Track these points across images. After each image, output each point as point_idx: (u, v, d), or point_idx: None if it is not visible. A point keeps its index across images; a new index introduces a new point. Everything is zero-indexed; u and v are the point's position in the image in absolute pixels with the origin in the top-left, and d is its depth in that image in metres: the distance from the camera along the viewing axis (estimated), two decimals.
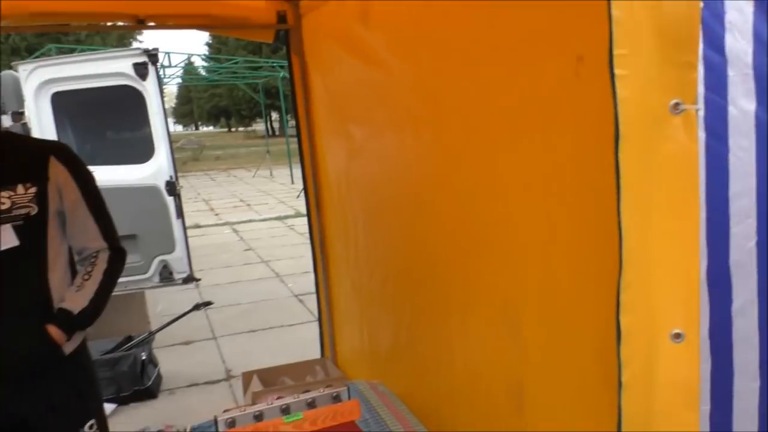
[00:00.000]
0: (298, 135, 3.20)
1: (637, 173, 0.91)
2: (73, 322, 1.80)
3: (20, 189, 1.74)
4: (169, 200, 4.85)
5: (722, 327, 2.10)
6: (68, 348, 1.83)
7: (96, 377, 2.05)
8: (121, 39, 26.90)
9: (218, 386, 4.35)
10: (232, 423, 1.49)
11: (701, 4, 0.97)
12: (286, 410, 1.54)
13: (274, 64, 18.39)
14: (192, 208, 13.06)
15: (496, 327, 1.52)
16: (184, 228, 5.00)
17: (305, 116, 3.08)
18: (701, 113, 2.09)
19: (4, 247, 1.70)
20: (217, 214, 12.72)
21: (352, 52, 2.34)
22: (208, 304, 5.11)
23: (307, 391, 1.63)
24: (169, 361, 4.63)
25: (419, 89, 1.83)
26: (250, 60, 20.97)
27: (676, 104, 0.92)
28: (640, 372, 0.92)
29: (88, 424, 1.86)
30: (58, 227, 1.82)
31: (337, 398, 1.61)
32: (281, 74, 17.59)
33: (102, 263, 1.86)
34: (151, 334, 4.46)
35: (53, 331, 1.77)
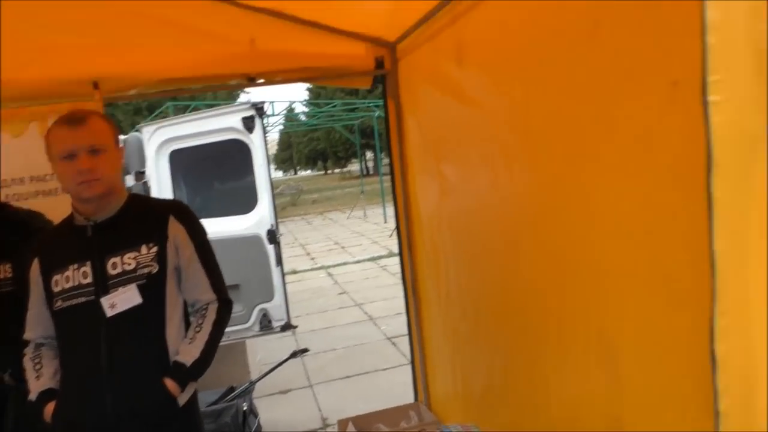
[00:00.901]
0: (392, 175, 3.28)
1: (730, 199, 0.90)
2: (186, 374, 1.90)
3: (143, 249, 1.88)
4: (270, 248, 5.02)
5: None
6: (182, 399, 1.91)
7: (203, 428, 2.13)
8: (230, 92, 28.65)
9: None
10: None
11: None
12: None
13: (370, 104, 18.87)
14: (289, 254, 13.47)
15: (591, 361, 1.48)
16: (283, 275, 5.14)
17: (399, 157, 3.17)
18: None
19: (129, 306, 1.83)
20: (312, 258, 13.05)
21: (445, 92, 2.42)
22: (304, 351, 5.19)
23: None
24: (268, 411, 4.72)
25: (512, 125, 1.86)
26: (348, 102, 21.65)
27: None
28: (739, 401, 0.88)
29: None
30: (176, 283, 1.94)
31: None
32: (377, 114, 18.03)
33: (212, 314, 1.96)
34: (252, 383, 4.54)
35: (170, 384, 1.87)
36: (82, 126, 1.82)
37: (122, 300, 1.83)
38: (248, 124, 4.97)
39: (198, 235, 1.99)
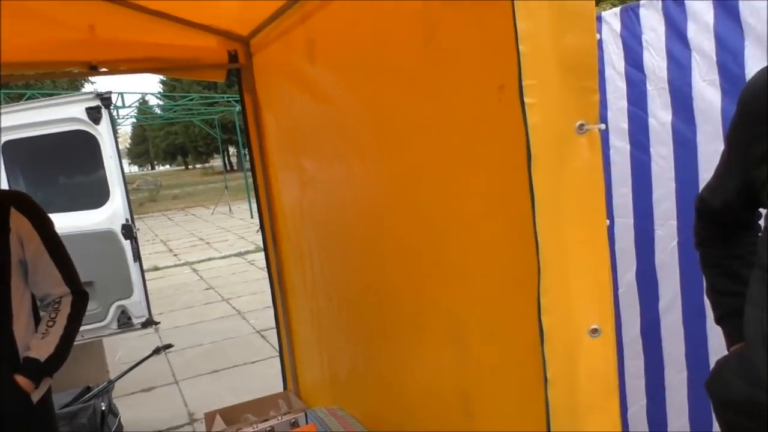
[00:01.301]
0: (253, 171, 3.26)
1: (549, 189, 1.02)
2: (40, 370, 1.82)
3: None
4: (126, 244, 4.80)
5: (652, 325, 2.25)
6: (36, 396, 1.84)
7: (57, 427, 2.04)
8: (73, 81, 26.58)
9: (181, 431, 4.30)
10: None
11: (598, 36, 1.09)
12: None
13: (230, 99, 18.42)
14: (150, 250, 12.88)
15: (444, 342, 1.60)
16: (142, 271, 4.95)
17: (259, 152, 3.16)
18: (625, 126, 2.26)
19: None
20: (175, 255, 12.56)
21: (300, 88, 2.45)
22: (168, 346, 5.05)
23: (266, 420, 1.67)
24: (130, 410, 4.55)
25: (362, 121, 1.93)
26: (206, 96, 20.94)
27: (581, 125, 1.04)
28: (563, 367, 1.01)
29: None
30: (21, 276, 1.85)
31: (295, 424, 1.65)
32: (237, 109, 17.60)
33: (66, 308, 1.89)
34: (111, 382, 4.36)
35: (22, 380, 1.79)
36: None
37: None
38: (93, 114, 4.69)
39: (44, 226, 1.90)
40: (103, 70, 2.93)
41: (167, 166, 65.58)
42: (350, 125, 2.02)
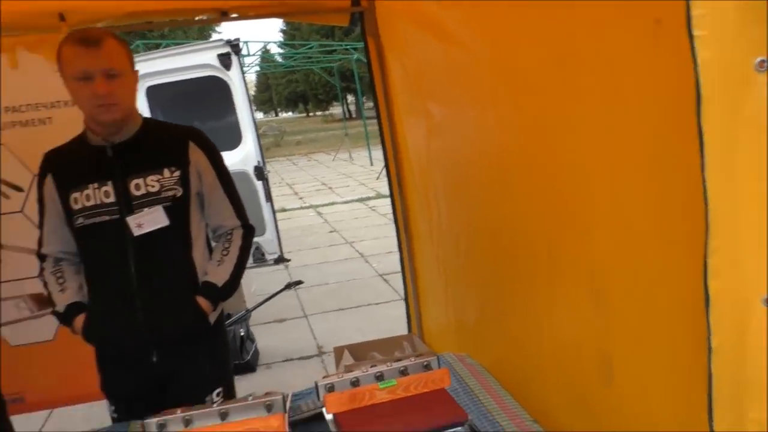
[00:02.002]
0: (378, 117, 3.25)
1: (720, 136, 0.90)
2: (217, 294, 1.97)
3: (166, 173, 1.90)
4: (258, 184, 5.06)
5: None
6: (212, 318, 2.00)
7: (229, 348, 2.22)
8: (202, 32, 27.90)
9: (311, 361, 4.55)
10: (331, 388, 1.58)
11: None
12: (380, 377, 1.61)
13: (348, 47, 18.53)
14: (277, 193, 13.44)
15: (583, 298, 1.53)
16: (273, 211, 5.21)
17: (384, 97, 3.13)
18: None
19: (157, 227, 1.87)
20: (300, 198, 13.08)
21: (427, 31, 2.37)
22: (298, 283, 5.32)
23: (399, 360, 1.69)
24: (265, 338, 4.88)
25: (496, 65, 1.84)
26: (324, 44, 21.21)
27: (762, 62, 0.90)
28: (730, 337, 0.92)
29: (217, 391, 2.01)
30: (198, 207, 1.98)
31: (427, 367, 1.66)
32: (355, 56, 17.69)
33: (237, 240, 2.02)
34: (248, 311, 4.70)
35: (203, 302, 1.95)
36: (98, 48, 1.77)
37: (149, 220, 1.86)
38: (224, 60, 4.92)
39: (218, 162, 2.02)
40: (234, 15, 3.01)
41: (290, 113, 67.75)
42: (484, 71, 1.93)
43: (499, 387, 1.92)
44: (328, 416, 1.57)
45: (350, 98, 43.80)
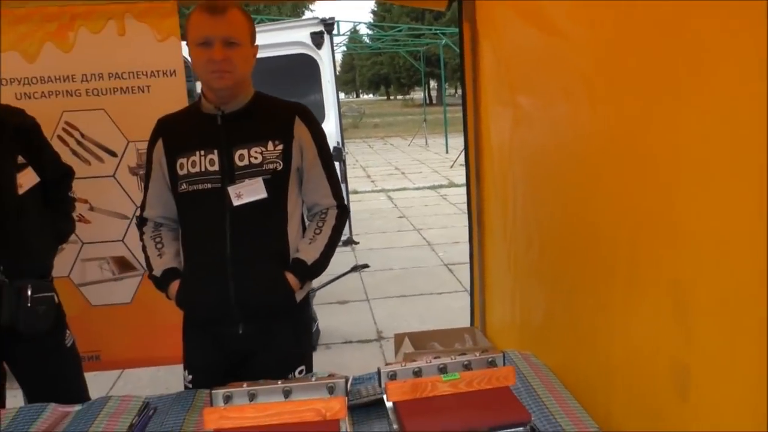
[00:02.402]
0: (463, 103, 3.21)
1: None
2: (306, 272, 1.98)
3: (270, 146, 1.92)
4: (336, 165, 5.11)
5: None
6: (299, 296, 2.01)
7: (311, 328, 2.24)
8: (295, 9, 28.38)
9: (369, 345, 4.60)
10: (393, 376, 1.57)
11: None
12: (443, 369, 1.59)
13: (437, 31, 18.43)
14: (350, 174, 13.56)
15: (663, 307, 1.46)
16: (347, 193, 5.26)
17: (472, 84, 3.09)
18: None
19: (255, 198, 1.90)
20: (373, 181, 13.16)
21: (526, 18, 2.31)
22: (365, 266, 5.37)
23: (464, 354, 1.67)
24: (327, 318, 4.96)
25: (598, 58, 1.77)
26: (414, 27, 21.15)
27: None
28: None
29: (299, 369, 2.05)
30: (297, 183, 2.00)
31: (492, 363, 1.63)
32: (443, 42, 17.55)
33: (331, 220, 2.03)
34: (313, 290, 4.78)
35: (291, 278, 1.96)
36: (221, 16, 1.82)
37: (248, 191, 1.89)
38: (317, 39, 4.96)
39: (321, 139, 2.03)
40: None
41: (371, 95, 68.15)
42: (582, 62, 1.86)
43: (564, 389, 1.88)
44: (389, 404, 1.56)
45: (432, 84, 43.60)
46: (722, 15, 1.17)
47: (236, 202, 1.89)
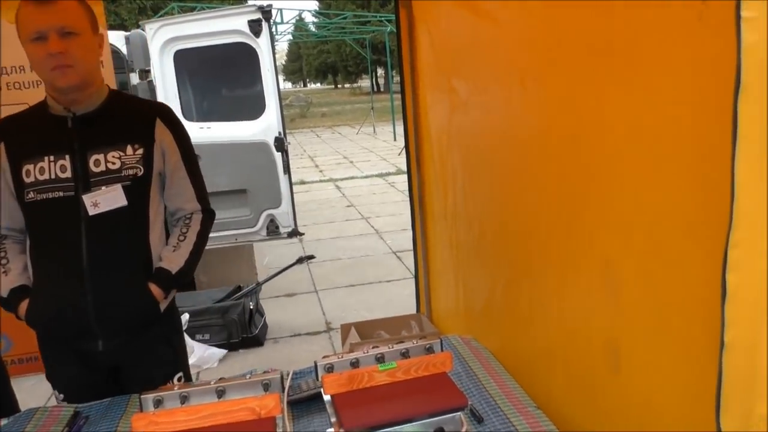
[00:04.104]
0: (402, 90, 3.20)
1: (756, 125, 0.85)
2: (171, 281, 1.87)
3: (129, 150, 1.78)
4: (278, 156, 5.02)
5: None
6: (163, 305, 1.90)
7: (183, 334, 2.12)
8: None
9: (318, 337, 4.56)
10: (330, 368, 1.55)
11: None
12: (380, 359, 1.58)
13: (382, 18, 18.39)
14: (297, 165, 13.50)
15: (594, 285, 1.49)
16: (291, 183, 5.17)
17: (410, 71, 3.08)
18: None
19: (114, 207, 1.76)
20: (321, 171, 13.07)
21: (459, 3, 2.30)
22: (311, 257, 5.32)
23: (401, 342, 1.67)
24: (274, 312, 4.90)
25: (527, 40, 1.78)
26: (359, 14, 21.04)
27: None
28: (745, 332, 0.88)
29: (178, 376, 1.96)
30: (159, 189, 1.87)
31: (430, 350, 1.63)
32: (389, 29, 17.53)
33: (196, 225, 1.91)
34: (259, 284, 4.71)
35: (155, 289, 1.84)
36: (52, 5, 1.64)
37: (106, 199, 1.76)
38: (255, 27, 4.83)
39: (184, 142, 1.91)
40: None
41: (318, 85, 67.63)
42: (513, 47, 1.87)
43: (504, 372, 1.89)
44: (326, 397, 1.54)
45: (380, 72, 43.57)
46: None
47: (92, 212, 1.75)
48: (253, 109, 5.10)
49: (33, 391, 2.34)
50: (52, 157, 1.76)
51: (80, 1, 1.73)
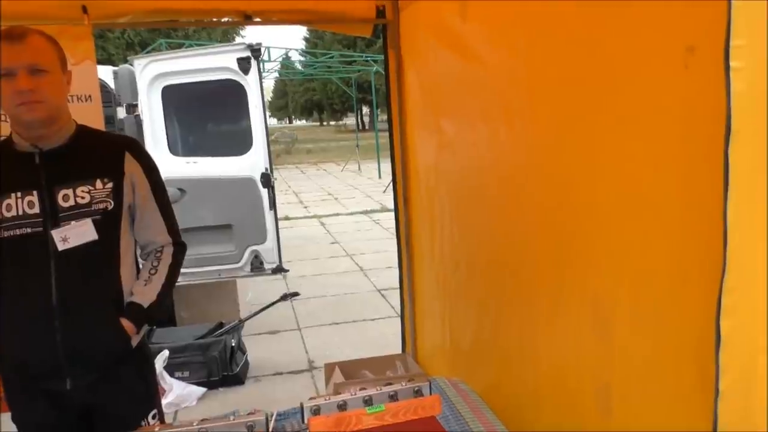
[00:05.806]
0: (390, 129, 3.23)
1: (747, 171, 0.86)
2: (143, 316, 1.84)
3: (98, 184, 1.77)
4: (264, 192, 5.01)
5: None
6: (134, 341, 1.87)
7: (155, 370, 2.07)
8: (226, 34, 28.13)
9: (301, 376, 4.46)
10: (317, 410, 1.51)
11: None
12: (368, 401, 1.54)
13: (368, 58, 18.69)
14: (282, 200, 13.44)
15: (585, 325, 1.48)
16: (276, 219, 5.15)
17: (398, 110, 3.11)
18: None
19: (84, 241, 1.73)
20: (305, 207, 13.04)
21: (448, 46, 2.35)
22: (295, 294, 5.25)
23: (390, 384, 1.64)
24: (257, 349, 4.79)
25: (514, 80, 1.81)
26: (345, 54, 21.37)
27: None
28: (740, 379, 0.87)
29: (152, 413, 1.91)
30: (129, 222, 1.86)
31: (418, 393, 1.60)
32: (374, 69, 17.81)
33: (167, 258, 1.90)
34: (241, 321, 4.61)
35: (126, 324, 1.81)
36: (21, 42, 1.64)
37: (76, 234, 1.73)
38: (244, 65, 4.88)
39: (153, 175, 1.90)
40: (257, 20, 3.01)
41: (303, 121, 68.13)
42: (500, 86, 1.90)
43: (492, 416, 1.86)
44: None
45: (365, 110, 44.07)
46: (633, 35, 1.21)
47: (62, 247, 1.73)
48: (240, 144, 5.10)
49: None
50: (19, 194, 1.74)
51: (50, 39, 1.74)
